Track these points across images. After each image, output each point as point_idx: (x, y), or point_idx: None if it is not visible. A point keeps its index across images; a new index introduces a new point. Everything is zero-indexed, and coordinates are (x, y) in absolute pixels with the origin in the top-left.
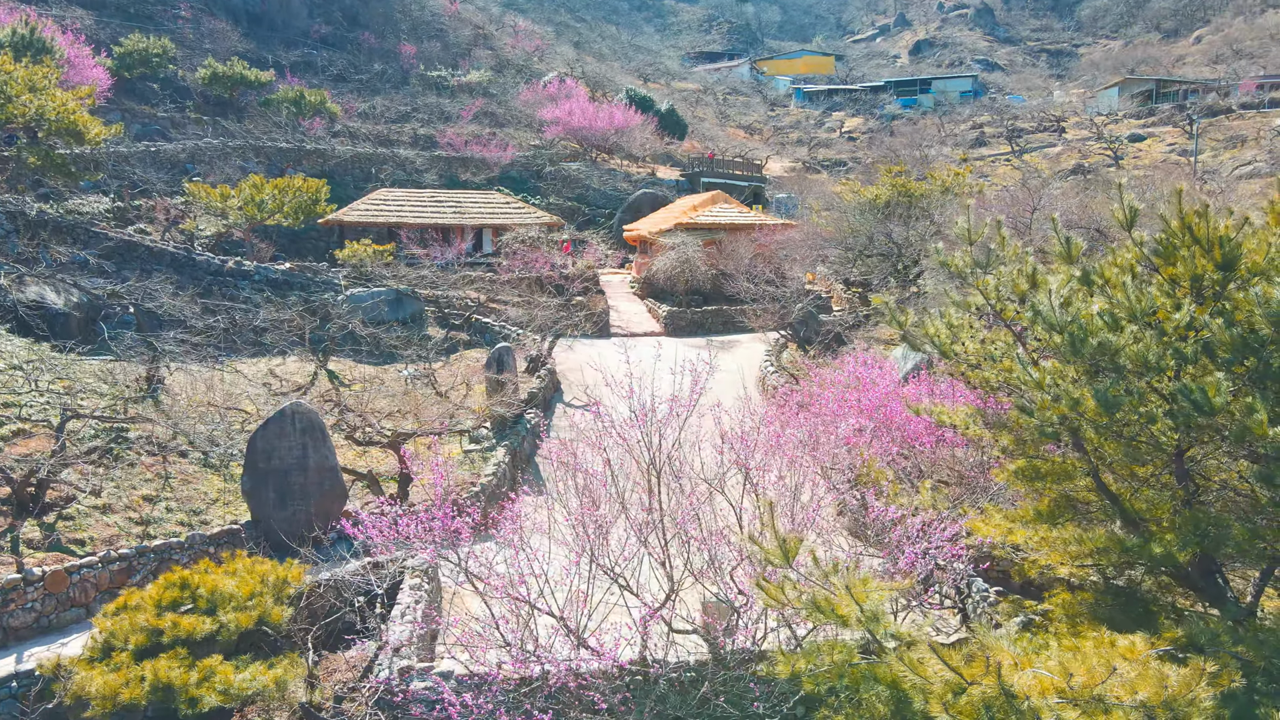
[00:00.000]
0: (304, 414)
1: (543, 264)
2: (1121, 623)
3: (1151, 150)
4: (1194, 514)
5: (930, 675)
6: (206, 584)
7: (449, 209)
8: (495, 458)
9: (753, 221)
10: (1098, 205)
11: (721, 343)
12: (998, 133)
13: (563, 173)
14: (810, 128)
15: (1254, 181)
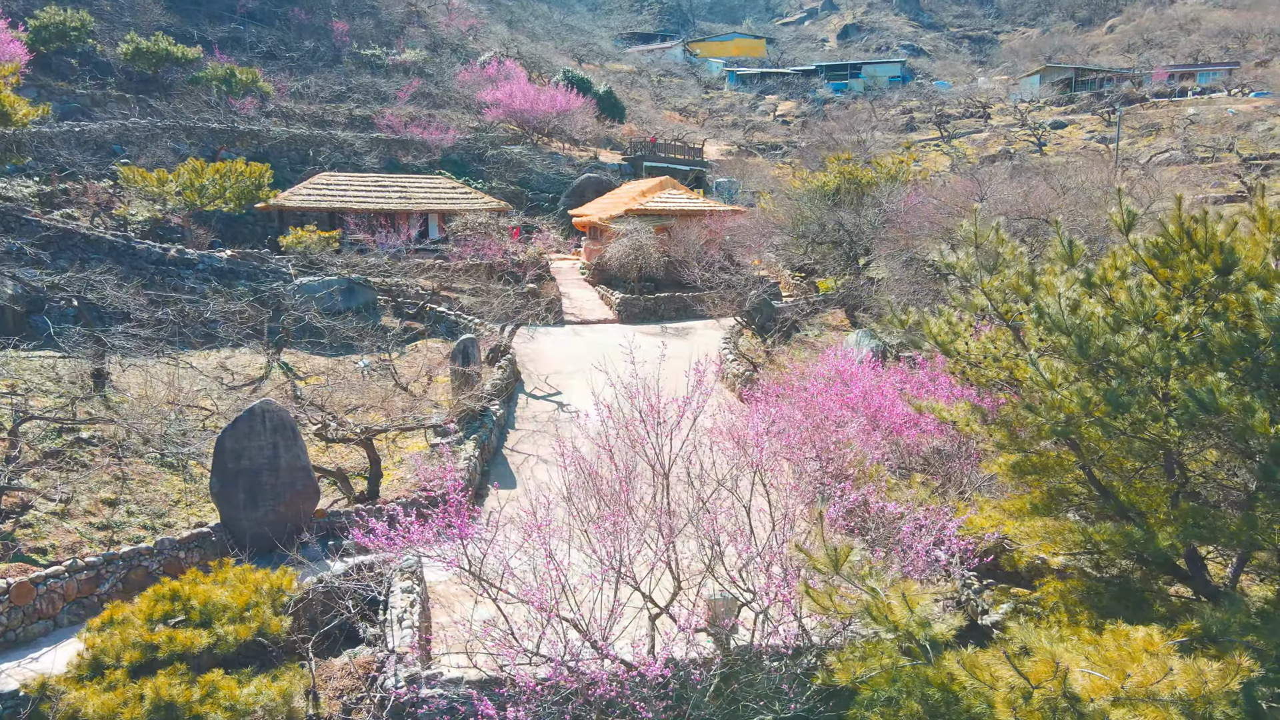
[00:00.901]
0: (274, 412)
1: (495, 251)
2: (1117, 610)
3: (1073, 137)
4: (1193, 508)
5: (986, 678)
6: (198, 595)
7: (394, 194)
8: (465, 452)
9: (703, 208)
10: (1039, 194)
11: (676, 329)
12: (927, 118)
13: (505, 156)
14: (744, 111)
15: (1172, 169)
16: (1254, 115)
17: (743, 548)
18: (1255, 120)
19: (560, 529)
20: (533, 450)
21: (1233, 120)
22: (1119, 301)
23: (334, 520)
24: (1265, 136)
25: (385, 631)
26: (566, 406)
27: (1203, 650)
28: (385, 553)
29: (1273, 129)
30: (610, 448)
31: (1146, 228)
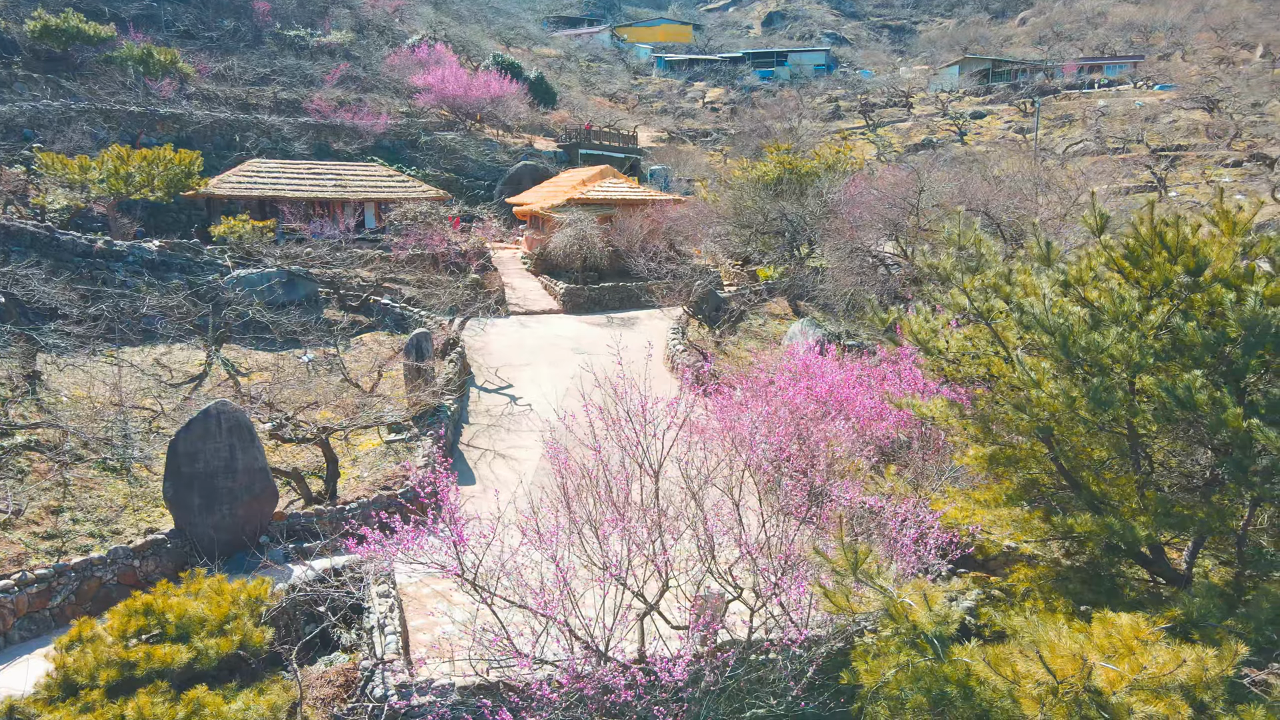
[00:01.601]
0: (230, 413)
1: (438, 241)
2: (1089, 595)
3: (991, 127)
4: (1161, 498)
5: (1009, 674)
6: (174, 609)
7: (329, 182)
8: (422, 448)
9: (644, 197)
10: (975, 187)
11: (622, 320)
12: (852, 107)
13: (439, 143)
14: (673, 97)
15: (1086, 159)
16: (1159, 108)
17: (732, 545)
18: (1160, 112)
19: (550, 530)
20: (489, 445)
21: (1140, 112)
22: (1097, 302)
23: (294, 523)
24: (1170, 129)
25: (372, 639)
26: (519, 400)
27: (1184, 636)
28: (350, 555)
29: (1176, 121)
30: (598, 448)
31: (1080, 222)
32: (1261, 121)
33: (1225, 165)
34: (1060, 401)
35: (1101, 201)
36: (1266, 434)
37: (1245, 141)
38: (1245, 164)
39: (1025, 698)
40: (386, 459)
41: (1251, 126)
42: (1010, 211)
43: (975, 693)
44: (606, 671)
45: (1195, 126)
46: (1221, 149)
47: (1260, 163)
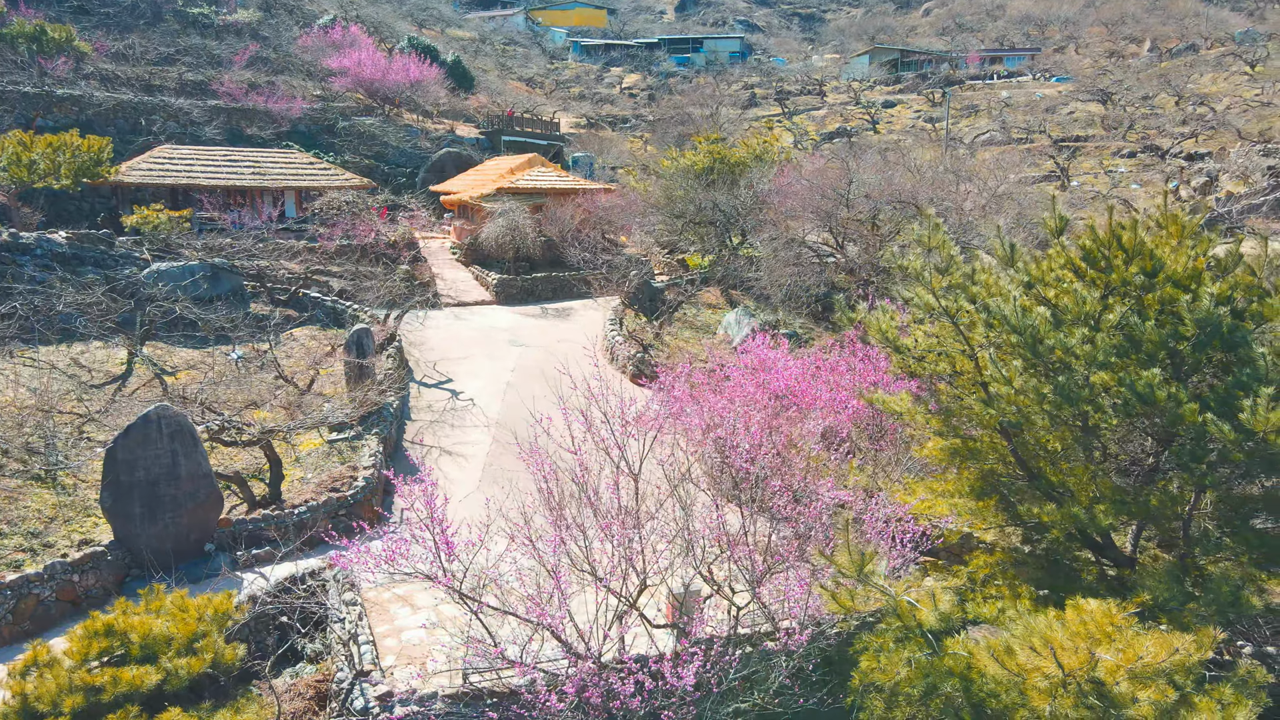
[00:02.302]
0: (171, 418)
1: (366, 232)
2: (1049, 580)
3: (901, 116)
4: (1116, 487)
5: (1014, 667)
6: (137, 628)
7: (247, 169)
8: (369, 447)
9: (575, 186)
10: (901, 179)
11: (556, 310)
12: (768, 94)
13: (358, 129)
14: (591, 82)
15: (993, 149)
16: (1058, 99)
17: (708, 543)
18: (1059, 104)
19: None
20: (434, 442)
21: (1040, 104)
22: (1060, 302)
23: (240, 529)
24: (1069, 120)
25: (347, 649)
26: (460, 395)
27: (1152, 619)
28: (308, 561)
29: (1074, 113)
30: (577, 450)
31: (1010, 214)
32: (1152, 114)
33: (1121, 156)
34: (1031, 398)
35: (1009, 189)
36: (1220, 427)
37: (1138, 133)
38: (1139, 154)
39: (1033, 690)
40: (330, 459)
41: (1144, 119)
42: (938, 203)
43: (975, 685)
44: (614, 678)
45: (1092, 118)
46: (1117, 140)
47: (1153, 154)
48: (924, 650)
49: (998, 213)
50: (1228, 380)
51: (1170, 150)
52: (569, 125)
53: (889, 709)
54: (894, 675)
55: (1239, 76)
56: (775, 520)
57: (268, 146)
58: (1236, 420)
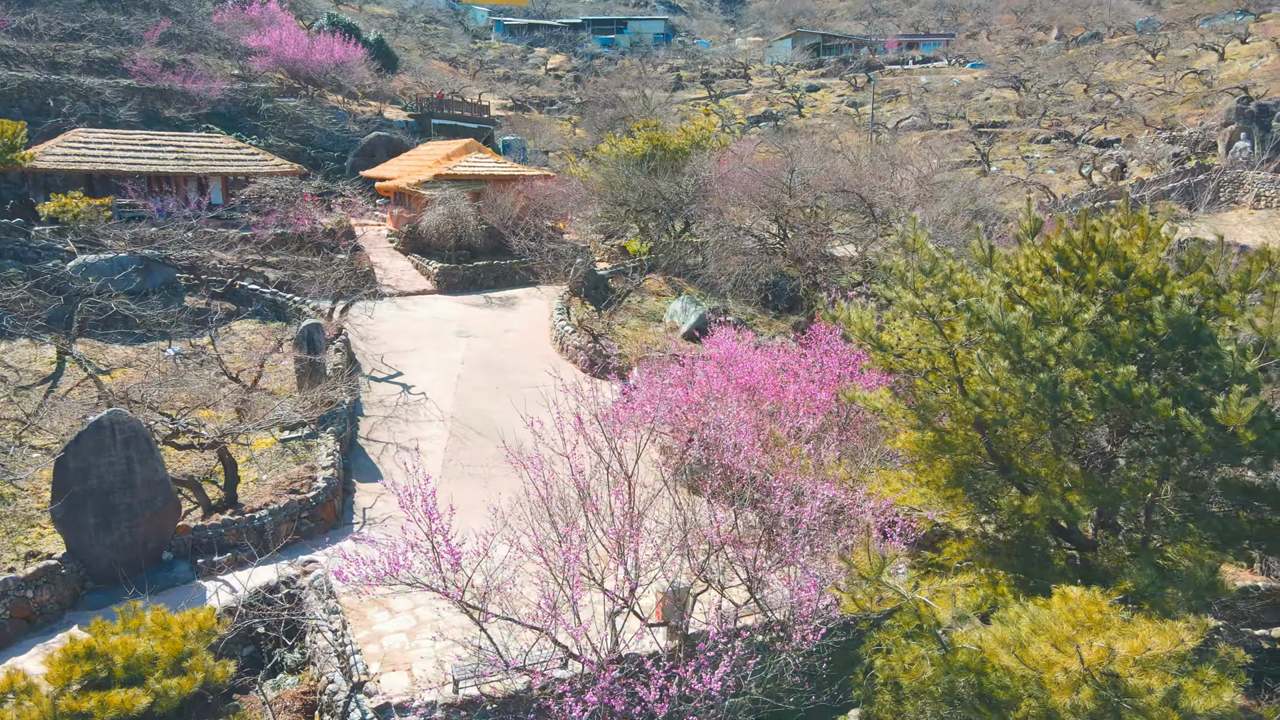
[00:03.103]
0: (125, 424)
1: (303, 220)
2: (1022, 566)
3: (825, 100)
4: (1087, 476)
5: (1033, 662)
6: (119, 649)
7: (170, 154)
8: (326, 446)
9: (515, 173)
10: (841, 169)
11: (501, 299)
12: (693, 77)
13: (282, 111)
14: (515, 63)
15: (915, 134)
16: (974, 85)
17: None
18: (975, 90)
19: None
20: (390, 438)
21: (957, 90)
22: (1038, 303)
23: (199, 536)
24: (986, 106)
25: (342, 659)
26: (412, 389)
27: (1136, 605)
28: (265, 565)
29: (990, 99)
30: (571, 455)
31: (947, 203)
32: (1063, 101)
33: (1036, 142)
34: (1017, 395)
35: (934, 174)
36: (1192, 421)
37: (1051, 120)
38: (1053, 141)
39: (1053, 685)
40: (284, 458)
41: (1056, 106)
42: (878, 192)
43: (988, 679)
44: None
45: (1007, 104)
46: (1032, 127)
47: (1066, 140)
48: (934, 647)
49: (935, 201)
50: (1194, 375)
51: (1082, 137)
52: (495, 108)
53: (898, 703)
54: (919, 675)
55: (1141, 65)
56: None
57: (187, 129)
58: (1208, 414)
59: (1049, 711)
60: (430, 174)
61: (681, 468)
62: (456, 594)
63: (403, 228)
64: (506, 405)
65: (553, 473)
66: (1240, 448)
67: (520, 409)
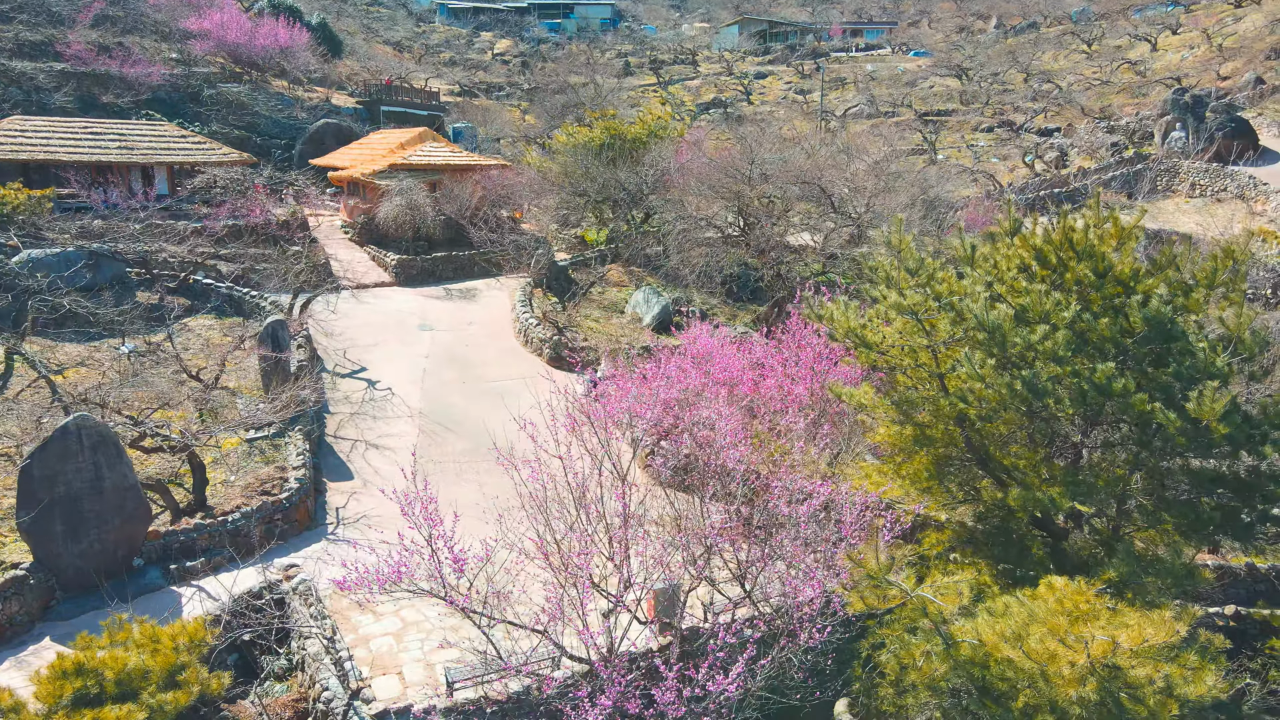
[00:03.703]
0: (92, 428)
1: (257, 211)
2: (1001, 554)
3: (773, 88)
4: (1065, 469)
5: (1041, 656)
6: (110, 664)
7: (112, 143)
8: (295, 445)
9: (472, 163)
10: (799, 160)
11: (461, 291)
12: (641, 63)
13: (226, 97)
14: (461, 48)
15: (863, 122)
16: (919, 73)
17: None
18: (920, 78)
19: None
20: (358, 435)
21: (902, 77)
22: (1019, 301)
23: (171, 541)
24: (930, 94)
25: (338, 666)
26: (378, 385)
27: (1119, 594)
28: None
29: (934, 87)
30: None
31: (905, 195)
32: (1004, 90)
33: (980, 130)
34: (1004, 391)
35: (887, 165)
36: (1167, 415)
37: (993, 108)
38: (996, 129)
39: (1058, 677)
40: (252, 458)
41: (999, 95)
42: (836, 183)
43: (992, 671)
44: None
45: (950, 92)
46: (975, 115)
47: (1009, 129)
48: (938, 642)
49: (892, 192)
50: (1168, 371)
51: (1023, 126)
52: (443, 94)
53: (899, 695)
54: (931, 672)
55: (1077, 55)
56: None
57: (126, 116)
58: (1183, 409)
59: (1052, 703)
60: (385, 164)
61: (653, 463)
62: (461, 600)
63: (358, 219)
64: (475, 400)
65: (550, 475)
66: (1211, 440)
67: (489, 404)
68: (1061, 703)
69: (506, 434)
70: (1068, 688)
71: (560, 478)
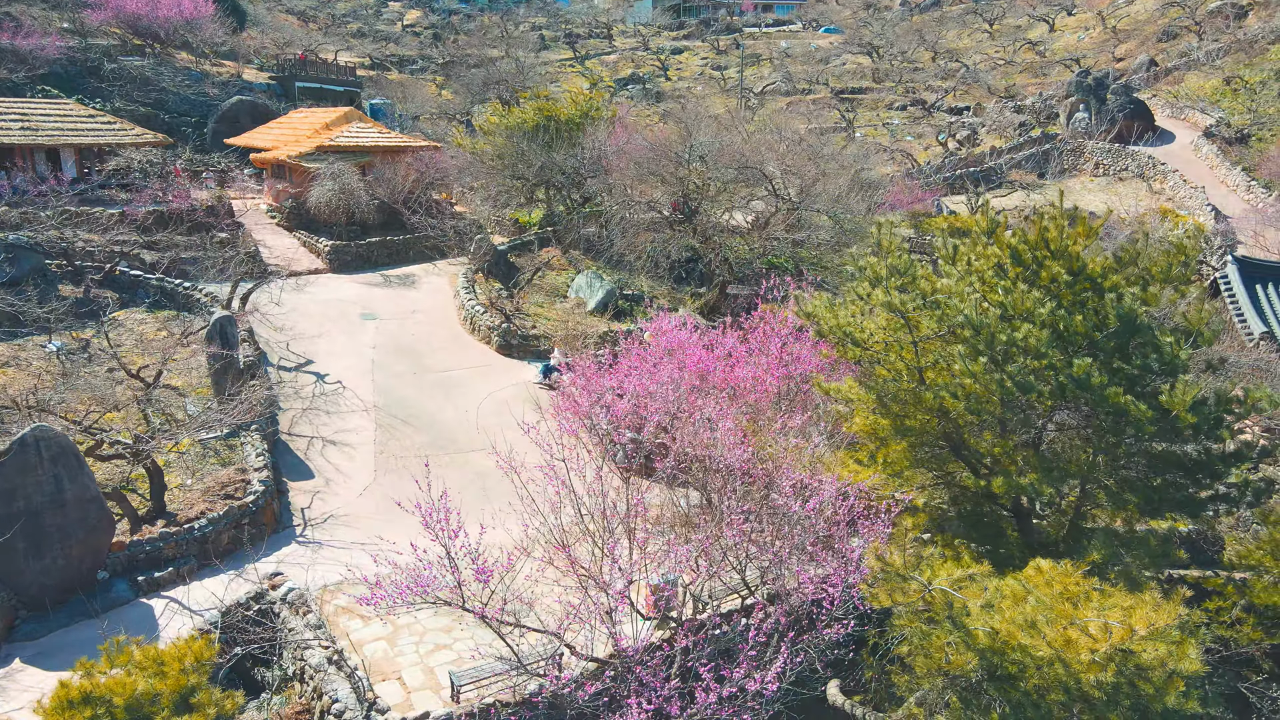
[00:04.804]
0: (51, 439)
1: (179, 196)
2: (979, 537)
3: (690, 63)
4: (1041, 457)
5: (1059, 641)
6: (118, 689)
7: (14, 123)
8: (254, 445)
9: (403, 144)
10: (734, 142)
11: (399, 277)
12: (556, 36)
13: (129, 72)
14: (369, 18)
15: (781, 99)
16: (831, 50)
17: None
18: (832, 55)
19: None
20: (314, 432)
21: (815, 54)
22: (996, 299)
23: (136, 551)
24: (843, 71)
25: (351, 678)
26: (327, 378)
27: (1101, 575)
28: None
29: (846, 64)
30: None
31: (844, 180)
32: (915, 69)
33: (894, 108)
34: (993, 387)
35: (814, 143)
36: (1138, 406)
37: (905, 86)
38: (909, 108)
39: (1077, 663)
40: (207, 460)
41: (910, 74)
42: (771, 164)
43: (1007, 657)
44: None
45: (863, 70)
46: (889, 94)
47: (920, 107)
48: (957, 633)
49: (830, 177)
50: (1136, 363)
51: (935, 104)
52: (354, 68)
53: (914, 682)
54: (964, 665)
55: (980, 34)
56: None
57: (20, 92)
58: (1155, 400)
59: (1063, 685)
60: (312, 145)
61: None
62: (480, 609)
63: (285, 203)
64: (428, 391)
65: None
66: (1178, 428)
67: (443, 395)
68: (1084, 686)
69: (464, 426)
70: (1088, 673)
71: (546, 477)
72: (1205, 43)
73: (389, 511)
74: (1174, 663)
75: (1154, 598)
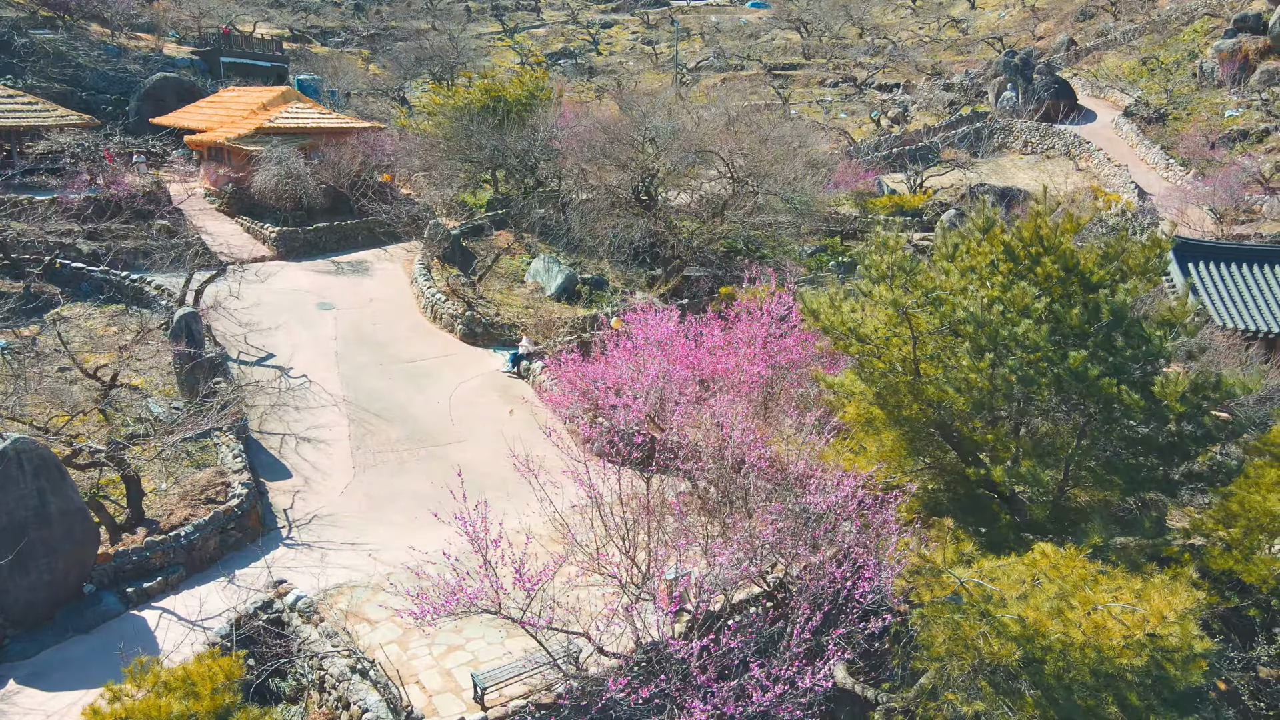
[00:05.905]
0: (33, 452)
1: (119, 182)
2: (973, 520)
3: (620, 37)
4: (1034, 444)
5: (1089, 629)
6: (153, 713)
7: None
8: (229, 446)
9: (347, 125)
10: (687, 128)
11: (351, 264)
12: (482, 8)
13: (41, 46)
14: None
15: (715, 75)
16: (760, 26)
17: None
18: (762, 30)
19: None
20: (285, 429)
21: (745, 29)
22: (993, 295)
23: (122, 562)
24: (773, 47)
25: (389, 689)
26: (291, 371)
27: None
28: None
29: (776, 40)
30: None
31: (800, 162)
32: (844, 45)
33: (826, 85)
34: (998, 382)
35: (732, 112)
36: (1130, 396)
37: (836, 63)
38: (841, 85)
39: (1110, 649)
40: (180, 462)
41: (840, 51)
42: (730, 151)
43: (1034, 643)
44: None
45: (793, 46)
46: (820, 71)
47: (852, 84)
48: (988, 624)
49: (788, 159)
50: (1126, 354)
51: (866, 82)
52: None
53: (943, 671)
54: (1008, 655)
55: (904, 10)
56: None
57: None
58: (1146, 389)
59: (1095, 670)
60: (250, 126)
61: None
62: (524, 618)
63: (226, 187)
64: (397, 383)
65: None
66: (1166, 416)
67: (413, 387)
68: (1118, 670)
69: (438, 418)
70: (1121, 657)
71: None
72: (1121, 23)
73: (373, 510)
74: (1197, 645)
75: (1161, 580)
